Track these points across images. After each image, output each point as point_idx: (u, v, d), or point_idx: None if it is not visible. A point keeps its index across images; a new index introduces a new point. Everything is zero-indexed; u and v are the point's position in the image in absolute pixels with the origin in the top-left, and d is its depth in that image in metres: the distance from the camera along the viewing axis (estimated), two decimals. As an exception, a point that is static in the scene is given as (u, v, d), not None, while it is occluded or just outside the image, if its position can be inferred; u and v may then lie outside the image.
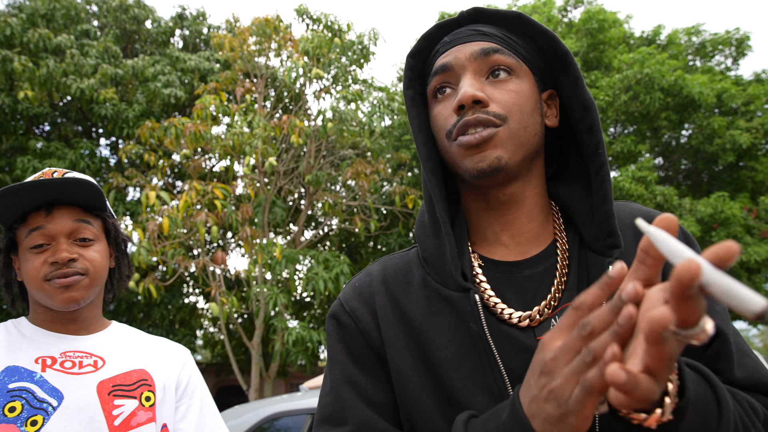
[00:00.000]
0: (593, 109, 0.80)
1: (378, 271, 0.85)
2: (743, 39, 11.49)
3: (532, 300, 0.76)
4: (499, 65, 0.78)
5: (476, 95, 0.74)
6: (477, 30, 0.81)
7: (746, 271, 10.11)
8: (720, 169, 10.96)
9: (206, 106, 8.13)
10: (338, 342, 0.80)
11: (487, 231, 0.82)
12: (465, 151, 0.75)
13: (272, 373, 9.62)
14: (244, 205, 8.07)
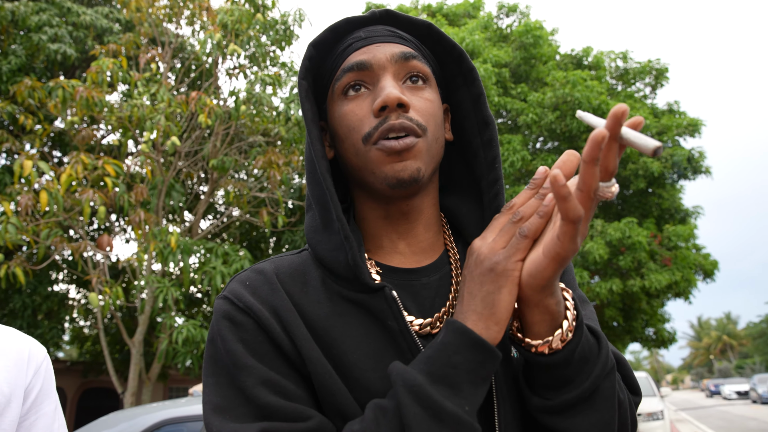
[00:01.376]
0: (493, 126, 0.86)
1: (271, 269, 0.82)
2: (663, 70, 12.65)
3: (430, 308, 0.80)
4: (417, 72, 0.81)
5: (401, 98, 0.75)
6: (394, 32, 0.83)
7: (646, 295, 11.12)
8: (631, 194, 11.97)
9: (103, 70, 7.65)
10: (237, 343, 0.74)
11: (384, 239, 0.85)
12: (387, 157, 0.76)
13: (153, 375, 9.22)
14: (138, 186, 7.68)
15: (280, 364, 0.74)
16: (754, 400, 29.11)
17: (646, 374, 13.51)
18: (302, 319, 0.77)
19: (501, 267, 0.64)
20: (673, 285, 10.18)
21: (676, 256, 10.40)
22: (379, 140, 0.76)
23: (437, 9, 13.78)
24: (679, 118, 11.88)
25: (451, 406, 0.62)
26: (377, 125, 0.76)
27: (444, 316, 0.79)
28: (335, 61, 0.84)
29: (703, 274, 11.60)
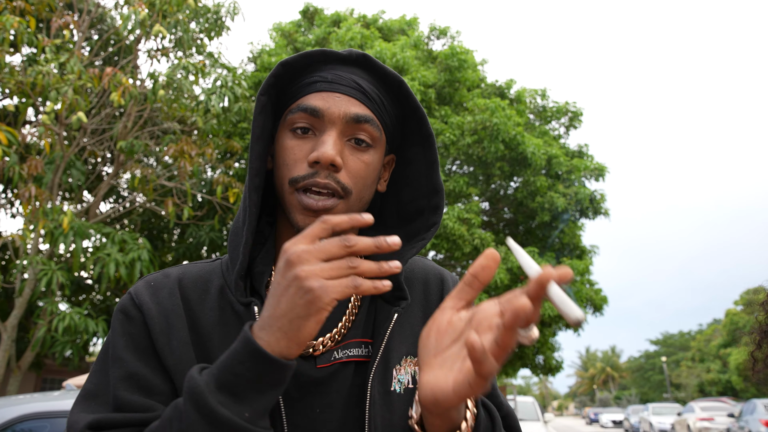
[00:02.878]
0: (442, 194, 0.92)
1: (177, 274, 0.89)
2: (577, 113, 13.44)
3: (320, 331, 0.84)
4: (364, 136, 0.84)
5: (335, 160, 0.79)
6: (358, 85, 0.85)
7: (540, 324, 11.66)
8: (535, 225, 12.56)
9: (6, 29, 7.11)
10: (121, 336, 0.81)
11: None
12: (303, 209, 0.81)
13: (24, 364, 8.57)
14: (32, 159, 7.17)
15: (154, 362, 0.79)
16: (627, 430, 31.14)
17: (533, 399, 14.11)
18: (191, 324, 0.82)
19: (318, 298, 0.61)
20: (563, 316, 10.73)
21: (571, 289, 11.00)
22: (303, 190, 0.81)
23: (372, 21, 13.91)
24: (587, 160, 12.66)
25: (226, 413, 0.62)
26: (306, 175, 0.81)
27: (329, 341, 0.83)
28: (296, 91, 0.87)
29: (593, 308, 12.31)
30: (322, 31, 12.80)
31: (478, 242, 10.21)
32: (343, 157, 0.82)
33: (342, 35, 11.67)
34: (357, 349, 0.84)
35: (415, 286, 0.94)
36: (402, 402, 0.81)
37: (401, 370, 0.84)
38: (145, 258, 7.61)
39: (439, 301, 0.93)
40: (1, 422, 2.94)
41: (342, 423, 0.79)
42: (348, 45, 11.37)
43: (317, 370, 0.81)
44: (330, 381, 0.81)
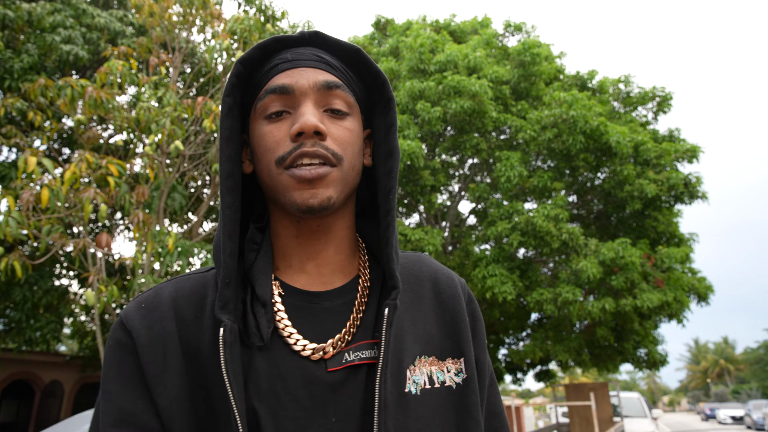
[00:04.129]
0: (396, 156, 0.85)
1: (169, 293, 0.82)
2: (666, 97, 12.68)
3: (328, 333, 0.79)
4: (339, 101, 0.81)
5: (318, 126, 0.76)
6: (320, 57, 0.83)
7: (639, 316, 11.06)
8: (627, 215, 11.94)
9: (113, 72, 7.73)
10: (111, 366, 0.77)
11: (293, 258, 0.84)
12: (297, 183, 0.76)
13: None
14: (140, 187, 7.73)
15: (142, 392, 0.74)
16: (749, 426, 28.82)
17: (638, 395, 13.39)
18: (185, 349, 0.76)
19: None
20: (665, 306, 10.11)
21: (669, 278, 10.35)
22: (292, 166, 0.77)
23: (445, 25, 13.86)
24: (678, 143, 11.88)
25: None
26: (292, 150, 0.77)
27: (339, 342, 0.78)
28: (260, 80, 0.83)
29: (697, 298, 11.52)
30: (394, 41, 12.91)
31: (566, 237, 9.86)
32: (325, 126, 0.78)
33: (411, 42, 11.71)
34: (368, 351, 0.78)
35: (424, 284, 0.89)
36: (418, 404, 0.77)
37: (416, 371, 0.79)
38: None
39: (451, 302, 0.88)
40: None
41: (359, 430, 0.73)
42: (418, 51, 11.38)
43: (328, 374, 0.76)
44: (343, 386, 0.76)
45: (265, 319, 0.77)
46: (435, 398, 0.79)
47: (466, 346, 0.85)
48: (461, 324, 0.86)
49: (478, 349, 0.89)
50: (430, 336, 0.83)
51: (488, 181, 12.75)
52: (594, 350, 12.06)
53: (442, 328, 0.85)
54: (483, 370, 0.89)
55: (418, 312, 0.85)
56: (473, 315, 0.91)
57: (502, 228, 10.16)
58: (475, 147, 11.39)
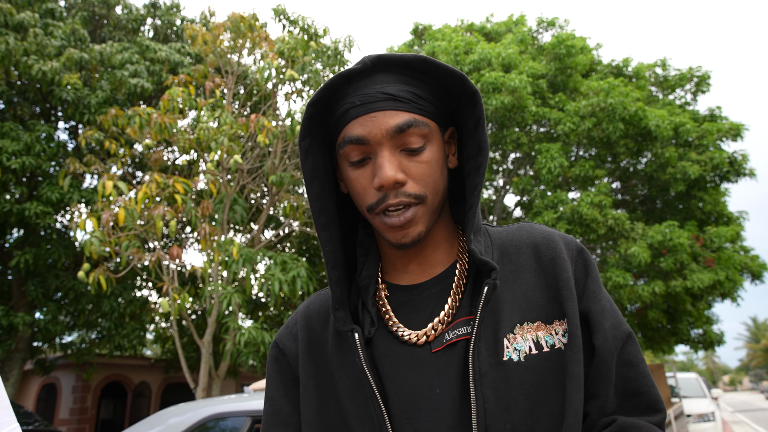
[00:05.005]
0: (486, 152, 0.83)
1: (303, 309, 0.95)
2: (704, 77, 12.07)
3: (429, 318, 0.82)
4: (413, 140, 0.79)
5: (397, 177, 0.76)
6: (387, 94, 0.79)
7: (690, 296, 10.58)
8: (672, 197, 11.45)
9: (174, 98, 8.04)
10: (270, 377, 0.92)
11: (397, 263, 0.89)
12: (389, 228, 0.79)
13: (221, 373, 9.52)
14: (205, 201, 8.00)
15: (296, 394, 0.89)
16: (816, 403, 27.00)
17: (695, 375, 12.81)
18: (318, 351, 0.88)
19: None
20: (717, 285, 9.63)
21: (719, 258, 9.85)
22: (381, 214, 0.79)
23: (479, 28, 13.68)
24: (720, 123, 11.28)
25: None
26: (378, 201, 0.79)
27: (439, 325, 0.81)
28: (336, 124, 0.83)
29: (751, 276, 10.92)
30: (429, 47, 12.85)
31: (612, 222, 9.54)
32: (403, 168, 0.78)
33: (446, 46, 11.61)
34: (465, 327, 0.80)
35: (523, 252, 0.86)
36: (523, 370, 0.76)
37: (517, 339, 0.78)
38: (303, 275, 8.10)
39: (551, 264, 0.84)
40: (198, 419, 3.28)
41: (461, 400, 0.76)
42: (453, 53, 11.27)
43: (433, 354, 0.79)
44: (446, 362, 0.79)
45: (369, 321, 0.84)
46: (543, 362, 0.77)
47: (568, 305, 0.80)
48: (561, 283, 0.82)
49: (588, 301, 0.82)
50: (533, 302, 0.81)
51: (531, 174, 12.50)
52: (647, 333, 11.61)
53: (546, 291, 0.82)
54: (597, 318, 0.81)
55: (518, 281, 0.83)
56: (584, 268, 0.85)
57: (548, 218, 9.94)
58: (516, 141, 11.18)
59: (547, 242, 0.87)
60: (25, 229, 10.29)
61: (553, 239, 0.87)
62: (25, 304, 10.47)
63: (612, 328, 0.80)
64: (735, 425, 16.01)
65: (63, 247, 10.32)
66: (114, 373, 15.40)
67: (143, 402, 16.42)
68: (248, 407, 3.16)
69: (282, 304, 11.41)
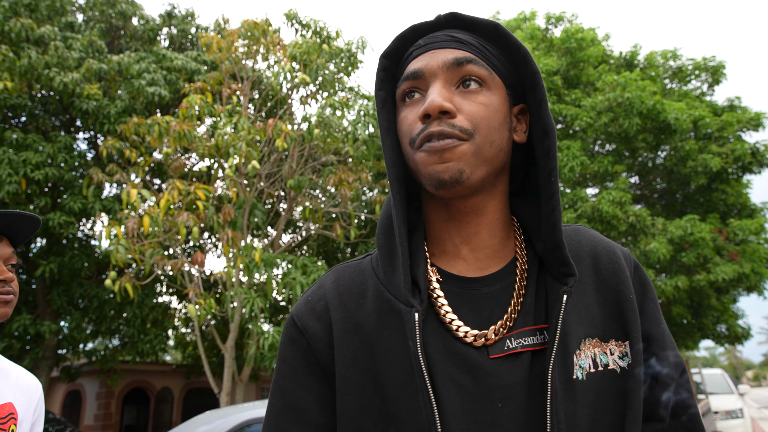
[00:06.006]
0: (552, 135, 0.77)
1: (331, 282, 0.82)
2: (719, 66, 11.93)
3: (488, 319, 0.75)
4: (470, 75, 0.75)
5: (443, 105, 0.71)
6: (452, 36, 0.78)
7: (715, 291, 10.46)
8: (693, 191, 11.34)
9: (192, 106, 8.15)
10: (284, 363, 0.79)
11: (447, 243, 0.80)
12: (428, 157, 0.73)
13: (245, 377, 9.60)
14: (225, 207, 8.10)
15: (319, 386, 0.77)
16: (844, 397, 26.49)
17: (721, 371, 12.66)
18: (356, 330, 0.76)
19: None
20: (742, 278, 9.52)
21: (744, 251, 9.74)
22: (422, 144, 0.74)
23: (490, 25, 13.65)
24: (741, 113, 11.14)
25: None
26: (420, 131, 0.74)
27: (500, 329, 0.74)
28: (400, 69, 0.82)
29: (776, 268, 10.78)
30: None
31: (633, 219, 9.47)
32: (455, 103, 0.73)
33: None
34: (531, 338, 0.74)
35: (583, 260, 0.80)
36: (585, 389, 0.71)
37: (581, 355, 0.73)
38: (321, 277, 8.15)
39: (613, 279, 0.79)
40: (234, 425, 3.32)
41: (526, 418, 0.69)
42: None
43: (490, 360, 0.72)
44: (507, 372, 0.72)
45: (419, 300, 0.74)
46: (599, 382, 0.73)
47: (632, 328, 0.76)
48: (625, 303, 0.77)
49: (647, 323, 0.79)
50: (592, 317, 0.76)
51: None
52: (671, 328, 11.50)
53: (604, 307, 0.77)
54: (660, 344, 0.79)
55: (580, 292, 0.77)
56: (641, 287, 0.81)
57: (568, 217, 9.90)
58: (532, 140, 11.10)
59: (609, 255, 0.82)
60: (48, 239, 10.47)
61: (615, 252, 0.83)
62: (50, 312, 10.66)
63: (673, 355, 0.80)
64: (762, 422, 15.78)
65: (86, 255, 10.48)
66: (137, 379, 15.60)
67: (166, 407, 16.61)
68: None
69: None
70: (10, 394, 1.31)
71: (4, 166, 8.81)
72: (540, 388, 0.70)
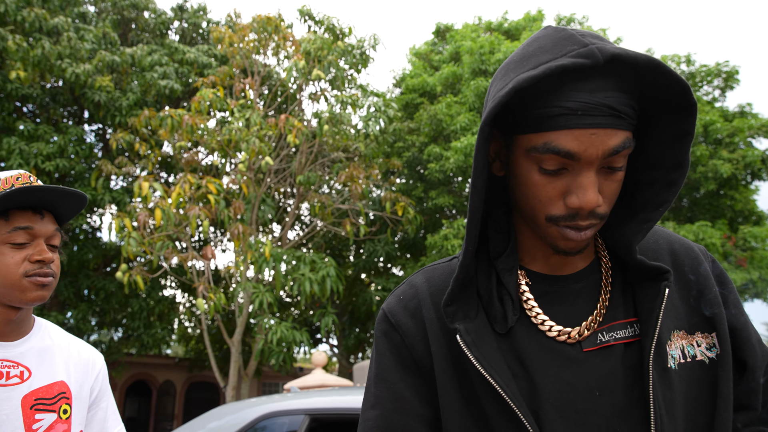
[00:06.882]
0: (685, 168, 0.75)
1: (422, 282, 0.84)
2: (732, 72, 11.90)
3: (579, 314, 0.77)
4: (621, 160, 0.71)
5: (599, 203, 0.70)
6: (613, 109, 0.67)
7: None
8: (701, 196, 11.32)
9: (204, 100, 8.14)
10: (383, 356, 0.81)
11: (538, 254, 0.82)
12: (563, 240, 0.73)
13: (250, 372, 9.62)
14: (236, 201, 8.09)
15: (417, 380, 0.79)
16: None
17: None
18: (447, 329, 0.78)
19: None
20: (749, 285, 9.52)
21: (752, 257, 9.73)
22: (562, 226, 0.73)
23: (497, 26, 13.63)
24: (752, 119, 11.12)
25: None
26: (566, 216, 0.72)
27: (592, 324, 0.76)
28: (537, 121, 0.70)
29: (783, 276, 10.78)
30: (453, 47, 12.82)
31: (641, 221, 9.46)
32: (599, 187, 0.71)
33: (471, 46, 11.58)
34: (623, 331, 0.76)
35: (663, 258, 0.83)
36: (678, 378, 0.74)
37: (672, 346, 0.76)
38: (332, 274, 8.14)
39: (694, 274, 0.82)
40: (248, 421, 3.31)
41: (625, 406, 0.72)
42: (478, 53, 11.23)
43: (585, 353, 0.75)
44: (602, 364, 0.74)
45: (511, 308, 0.77)
46: (689, 372, 0.76)
47: (718, 321, 0.78)
48: (710, 296, 0.80)
49: (730, 314, 0.81)
50: (678, 310, 0.79)
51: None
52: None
53: (686, 301, 0.80)
54: (745, 333, 0.81)
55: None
56: (720, 280, 0.83)
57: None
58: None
59: (687, 251, 0.85)
60: (57, 230, 10.46)
61: (692, 248, 0.85)
62: (57, 303, 10.66)
63: (758, 343, 0.82)
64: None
65: (93, 247, 10.48)
66: (139, 371, 15.61)
67: (168, 400, 16.63)
68: (303, 406, 3.12)
69: (310, 303, 11.48)
70: (63, 372, 1.27)
71: (15, 157, 8.80)
72: (635, 378, 0.73)
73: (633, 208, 0.80)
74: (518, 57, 0.74)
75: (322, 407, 2.98)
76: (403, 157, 11.40)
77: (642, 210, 0.79)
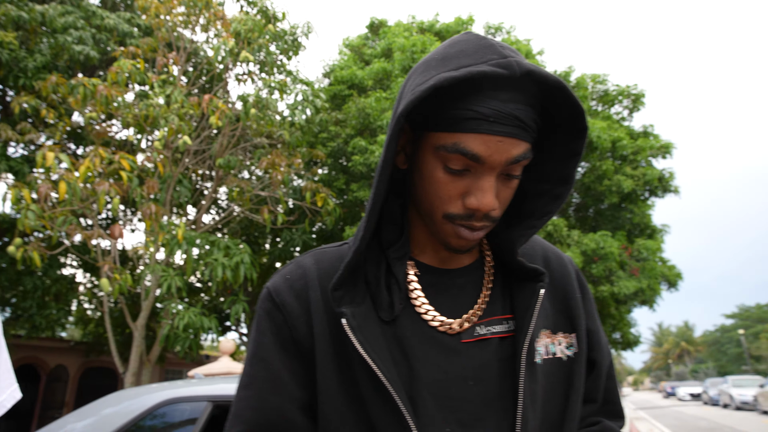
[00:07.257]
0: (570, 185, 0.82)
1: (311, 263, 0.84)
2: (639, 95, 12.86)
3: (461, 307, 0.82)
4: (519, 168, 0.76)
5: (494, 206, 0.74)
6: (521, 122, 0.71)
7: (615, 301, 11.30)
8: (605, 207, 12.16)
9: (123, 71, 7.67)
10: (263, 335, 0.80)
11: (428, 247, 0.86)
12: (455, 238, 0.78)
13: (153, 358, 9.21)
14: (150, 180, 7.70)
15: (296, 362, 0.78)
16: (705, 402, 29.49)
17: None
18: (333, 313, 0.78)
19: None
20: (639, 293, 10.36)
21: (644, 268, 10.59)
22: (456, 224, 0.76)
23: (429, 26, 13.87)
24: (653, 140, 12.09)
25: None
26: (462, 216, 0.75)
27: (472, 317, 0.81)
28: (449, 121, 0.72)
29: (667, 284, 11.80)
30: (385, 43, 12.91)
31: (551, 228, 10.02)
32: (496, 192, 0.75)
33: (404, 43, 11.72)
34: (500, 326, 0.82)
35: (537, 262, 0.91)
36: (541, 372, 0.81)
37: (539, 343, 0.83)
38: (247, 261, 7.97)
39: (561, 280, 0.90)
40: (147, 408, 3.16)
41: (495, 395, 0.77)
42: (410, 51, 11.40)
43: (462, 344, 0.79)
44: (477, 355, 0.79)
45: (398, 297, 0.79)
46: (549, 367, 0.83)
47: (578, 322, 0.87)
48: (572, 302, 0.89)
49: (588, 320, 0.91)
50: (546, 311, 0.86)
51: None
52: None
53: (554, 304, 0.88)
54: (597, 337, 0.91)
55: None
56: (582, 290, 0.92)
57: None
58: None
59: (558, 259, 0.94)
60: (-60, 196, 9.48)
61: (562, 257, 0.95)
62: (-64, 277, 9.68)
63: (606, 345, 0.93)
64: (637, 421, 17.23)
65: (-17, 218, 9.59)
66: (28, 355, 14.50)
67: (58, 386, 15.54)
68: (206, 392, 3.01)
69: (222, 289, 11.17)
70: None
71: None
72: (507, 370, 0.79)
73: (520, 214, 0.85)
74: (440, 56, 0.75)
75: (227, 394, 2.89)
76: (328, 147, 11.35)
77: (529, 217, 0.85)
